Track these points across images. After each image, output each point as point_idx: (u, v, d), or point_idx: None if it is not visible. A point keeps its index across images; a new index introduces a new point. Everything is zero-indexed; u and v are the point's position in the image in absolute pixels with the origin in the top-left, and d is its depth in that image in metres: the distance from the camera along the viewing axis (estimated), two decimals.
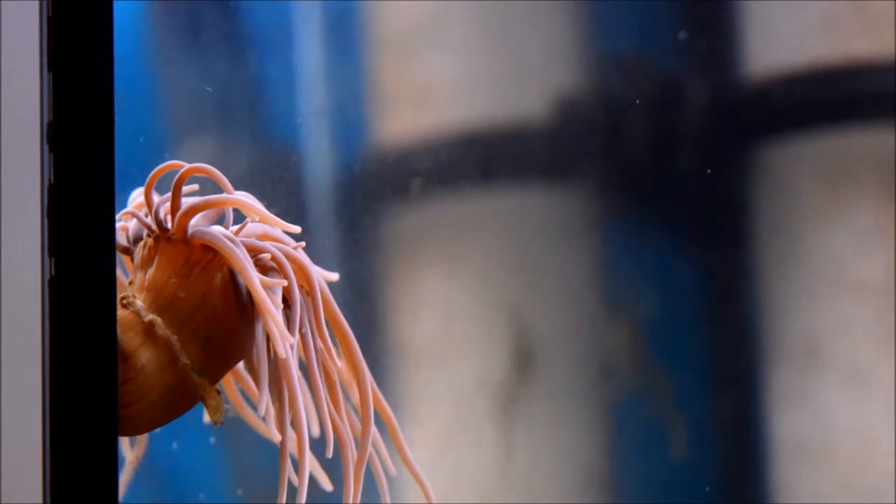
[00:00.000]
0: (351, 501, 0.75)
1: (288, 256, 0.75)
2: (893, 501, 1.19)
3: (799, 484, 1.21)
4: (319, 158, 1.18)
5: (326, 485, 0.82)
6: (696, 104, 1.22)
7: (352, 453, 0.76)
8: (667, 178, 1.22)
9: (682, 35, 1.23)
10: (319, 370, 0.75)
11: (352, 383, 0.79)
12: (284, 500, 0.73)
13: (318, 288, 0.75)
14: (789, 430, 1.21)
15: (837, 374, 1.21)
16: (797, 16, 1.22)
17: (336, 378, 0.76)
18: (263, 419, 0.83)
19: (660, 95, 1.22)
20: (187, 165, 0.75)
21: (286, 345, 0.72)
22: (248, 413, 0.83)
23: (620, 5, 1.23)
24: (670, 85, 1.22)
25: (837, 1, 1.21)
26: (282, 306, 0.74)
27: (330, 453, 0.75)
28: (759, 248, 1.23)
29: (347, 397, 0.79)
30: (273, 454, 0.76)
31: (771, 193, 1.23)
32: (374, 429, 0.77)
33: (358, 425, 0.77)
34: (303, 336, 0.75)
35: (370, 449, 0.77)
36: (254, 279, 0.72)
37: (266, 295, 0.72)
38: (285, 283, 0.74)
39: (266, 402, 0.72)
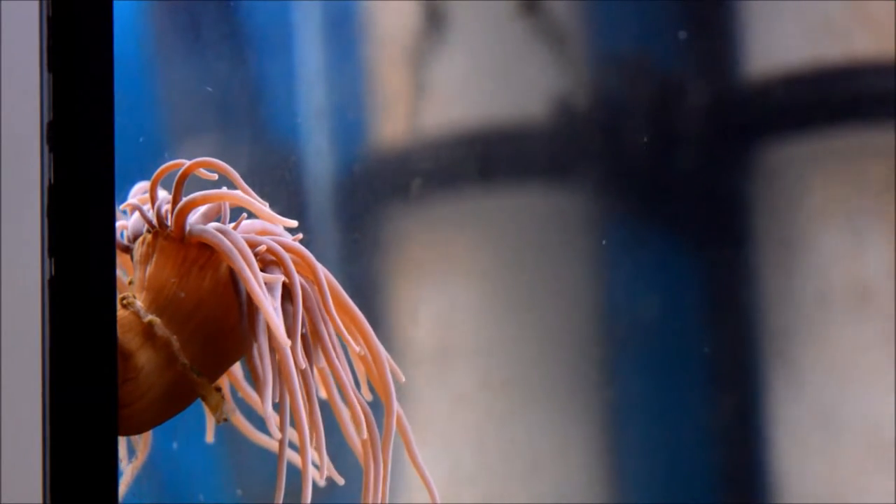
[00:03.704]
0: (380, 483, 0.75)
1: (288, 248, 0.75)
2: (894, 501, 1.19)
3: (799, 484, 1.21)
4: (319, 158, 1.18)
5: (338, 479, 0.82)
6: (696, 104, 1.22)
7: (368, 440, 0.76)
8: (667, 178, 1.22)
9: (682, 35, 1.23)
10: (336, 358, 0.75)
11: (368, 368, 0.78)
12: (282, 500, 0.73)
13: (322, 275, 0.75)
14: (789, 430, 1.21)
15: (838, 373, 1.21)
16: (797, 16, 1.22)
17: (345, 368, 0.76)
18: (263, 420, 0.83)
19: (660, 95, 1.22)
20: (195, 160, 0.75)
21: (284, 343, 0.72)
22: (238, 417, 0.83)
23: (620, 5, 1.23)
24: (670, 85, 1.22)
25: (837, 1, 1.21)
26: (277, 304, 0.74)
27: (363, 434, 0.75)
28: (759, 248, 1.23)
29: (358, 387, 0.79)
30: (273, 454, 0.76)
31: (771, 193, 1.23)
32: (397, 406, 0.77)
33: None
34: (314, 324, 0.75)
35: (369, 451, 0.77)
36: (250, 278, 0.72)
37: (263, 293, 0.72)
38: (284, 279, 0.74)
39: (270, 399, 0.72)
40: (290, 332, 0.73)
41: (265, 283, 0.73)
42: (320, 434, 0.74)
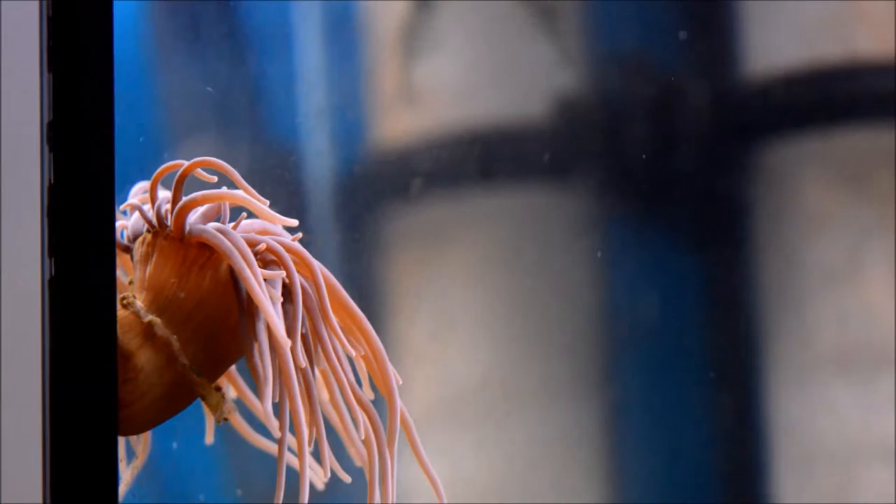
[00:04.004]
0: (388, 482, 0.75)
1: (286, 248, 0.75)
2: (894, 502, 1.19)
3: (799, 484, 1.21)
4: (319, 158, 1.18)
5: (345, 477, 0.81)
6: (696, 104, 1.22)
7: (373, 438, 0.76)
8: (667, 178, 1.22)
9: (682, 35, 1.23)
10: (335, 357, 0.75)
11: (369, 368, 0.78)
12: (282, 500, 0.73)
13: (319, 274, 0.75)
14: (789, 430, 1.21)
15: (837, 373, 1.21)
16: (797, 16, 1.22)
17: (346, 367, 0.76)
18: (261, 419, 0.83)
19: (660, 95, 1.22)
20: (194, 159, 0.75)
21: (283, 343, 0.72)
22: (238, 420, 0.83)
23: (620, 5, 1.23)
24: (670, 85, 1.22)
25: (837, 1, 1.21)
26: (281, 300, 0.74)
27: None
28: (759, 248, 1.23)
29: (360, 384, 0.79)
30: (274, 455, 0.76)
31: (771, 193, 1.23)
32: (400, 403, 0.77)
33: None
34: (314, 324, 0.75)
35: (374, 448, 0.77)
36: (249, 278, 0.72)
37: (263, 293, 0.72)
38: (284, 274, 0.74)
39: (270, 397, 0.71)
40: (290, 332, 0.73)
41: (265, 281, 0.73)
42: (321, 434, 0.74)
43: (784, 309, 1.22)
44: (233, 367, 0.81)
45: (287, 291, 0.75)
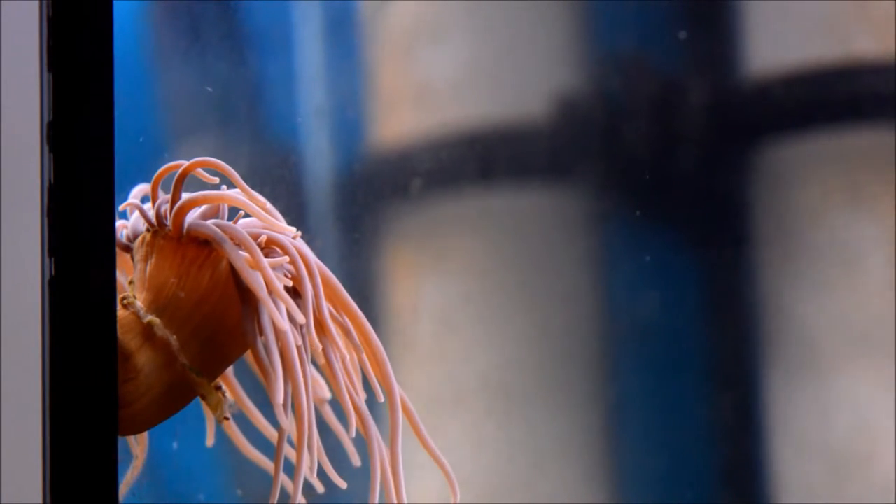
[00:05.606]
0: (399, 478, 0.75)
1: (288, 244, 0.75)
2: (894, 501, 1.19)
3: (799, 484, 1.21)
4: (319, 158, 1.18)
5: (340, 478, 0.81)
6: (696, 104, 1.22)
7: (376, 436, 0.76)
8: (667, 178, 1.22)
9: (682, 35, 1.23)
10: (334, 355, 0.74)
11: (367, 366, 0.78)
12: (277, 500, 0.73)
13: (316, 272, 0.75)
14: (789, 430, 1.21)
15: (837, 373, 1.21)
16: (797, 16, 1.22)
17: (343, 363, 0.76)
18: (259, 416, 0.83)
19: (660, 95, 1.22)
20: (194, 159, 0.75)
21: (287, 334, 0.72)
22: (234, 431, 0.83)
23: (620, 5, 1.23)
24: (670, 85, 1.22)
25: (838, 1, 1.21)
26: (288, 283, 0.74)
27: (352, 434, 0.75)
28: (759, 248, 1.23)
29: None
30: (273, 455, 0.76)
31: (771, 193, 1.23)
32: (401, 392, 0.77)
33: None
34: (317, 321, 0.75)
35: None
36: (244, 267, 0.72)
37: (260, 284, 0.72)
38: (287, 259, 0.74)
39: (282, 390, 0.71)
40: (298, 320, 0.73)
41: (271, 268, 0.73)
42: (313, 432, 0.74)
43: (784, 308, 1.22)
44: (230, 372, 0.81)
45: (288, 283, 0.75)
